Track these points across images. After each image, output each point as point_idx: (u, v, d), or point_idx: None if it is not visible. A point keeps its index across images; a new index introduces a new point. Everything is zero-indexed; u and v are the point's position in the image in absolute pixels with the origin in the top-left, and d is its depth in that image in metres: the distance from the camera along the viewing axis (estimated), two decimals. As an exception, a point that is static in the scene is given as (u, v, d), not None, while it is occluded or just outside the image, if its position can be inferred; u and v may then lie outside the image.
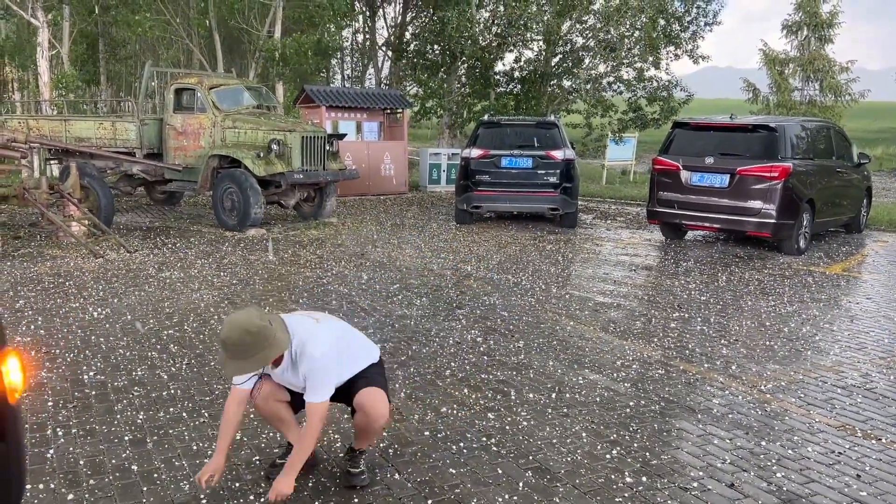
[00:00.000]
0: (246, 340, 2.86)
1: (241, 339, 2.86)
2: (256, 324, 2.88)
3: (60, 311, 6.31)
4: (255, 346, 2.88)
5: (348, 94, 16.61)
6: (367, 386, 3.28)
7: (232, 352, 2.90)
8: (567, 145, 11.97)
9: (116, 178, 12.40)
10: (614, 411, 4.41)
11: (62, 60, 20.23)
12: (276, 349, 2.94)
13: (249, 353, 2.89)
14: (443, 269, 8.55)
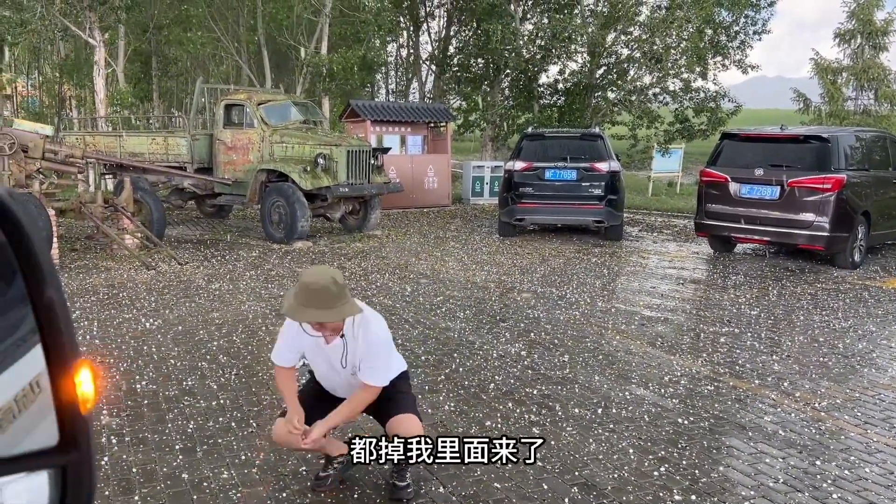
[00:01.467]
0: (332, 290, 2.84)
1: (327, 287, 2.84)
2: (341, 276, 2.91)
3: (114, 321, 6.49)
4: (338, 298, 2.86)
5: (393, 109, 16.77)
6: (400, 412, 3.24)
7: (315, 298, 2.85)
8: (612, 157, 11.86)
9: (168, 192, 12.72)
10: (662, 427, 4.33)
11: (117, 78, 20.91)
12: (353, 308, 2.93)
13: (331, 303, 2.85)
14: (486, 281, 8.54)
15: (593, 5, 20.36)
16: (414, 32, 25.99)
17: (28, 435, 0.72)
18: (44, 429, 0.69)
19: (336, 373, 3.23)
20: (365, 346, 3.07)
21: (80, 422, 0.67)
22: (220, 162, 11.89)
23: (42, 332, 0.65)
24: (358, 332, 3.08)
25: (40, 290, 0.64)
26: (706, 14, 18.65)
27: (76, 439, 0.66)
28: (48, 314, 0.64)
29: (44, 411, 0.69)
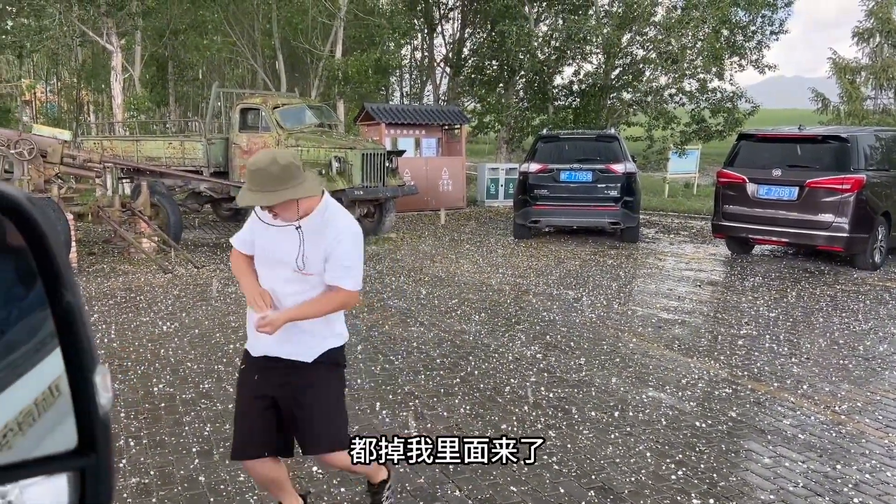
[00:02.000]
0: (272, 170, 2.48)
1: (268, 168, 2.48)
2: (288, 157, 2.54)
3: (132, 324, 6.54)
4: (282, 179, 2.49)
5: (407, 111, 16.81)
6: (322, 447, 2.82)
7: (257, 181, 2.51)
8: (628, 158, 11.81)
9: (185, 196, 12.81)
10: (679, 431, 4.30)
11: (134, 83, 21.10)
12: (304, 189, 2.54)
13: (274, 184, 2.48)
14: (501, 284, 8.52)
15: (608, 6, 20.30)
16: (428, 35, 26.04)
17: (47, 438, 0.73)
18: (63, 432, 0.69)
19: (285, 274, 2.66)
20: (334, 239, 2.61)
21: (98, 425, 0.67)
22: (236, 165, 11.96)
23: (61, 336, 0.66)
24: (325, 222, 2.64)
25: (59, 295, 0.64)
26: (722, 14, 18.53)
27: (95, 442, 0.67)
28: (67, 318, 0.65)
29: (63, 414, 0.69)
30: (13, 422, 0.80)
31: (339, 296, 2.68)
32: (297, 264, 2.63)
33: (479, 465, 3.77)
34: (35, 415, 0.79)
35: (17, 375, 0.81)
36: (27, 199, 0.64)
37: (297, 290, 2.67)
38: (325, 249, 2.61)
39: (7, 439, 0.79)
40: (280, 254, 2.66)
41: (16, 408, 0.80)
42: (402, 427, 4.26)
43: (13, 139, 9.68)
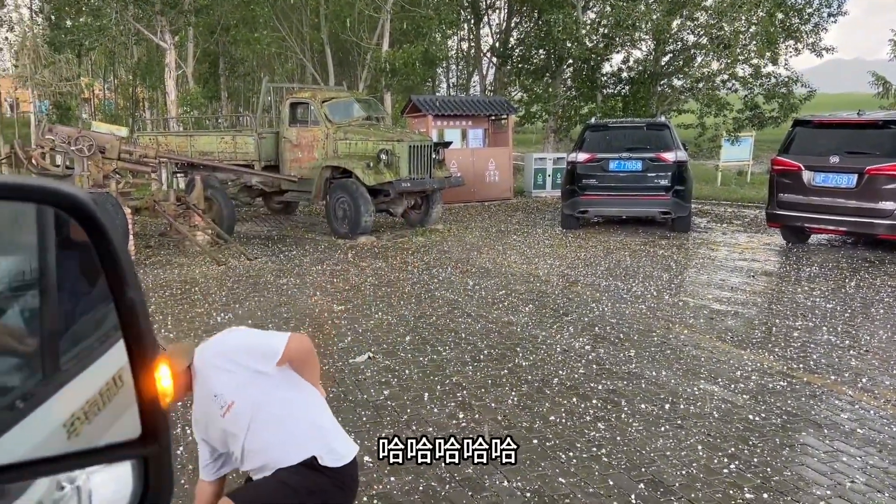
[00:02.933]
0: None
1: None
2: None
3: (187, 315, 6.72)
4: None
5: (454, 103, 16.80)
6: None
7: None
8: (679, 146, 11.59)
9: (237, 190, 13.07)
10: (732, 424, 4.22)
11: (187, 79, 21.58)
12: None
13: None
14: (549, 275, 8.48)
15: (657, -9, 19.89)
16: (475, 25, 25.96)
17: (112, 426, 0.76)
18: (126, 421, 0.72)
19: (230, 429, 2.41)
20: (225, 355, 2.42)
21: (159, 415, 0.70)
22: (287, 159, 12.15)
23: (124, 329, 0.69)
24: (207, 370, 2.44)
25: (122, 291, 0.67)
26: (777, -4, 18.00)
27: (156, 432, 0.70)
28: (129, 313, 0.68)
29: (126, 405, 0.72)
30: (80, 410, 0.84)
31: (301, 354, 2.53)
32: (220, 406, 2.40)
33: (528, 456, 3.78)
34: (100, 404, 0.82)
35: (84, 366, 0.85)
36: (90, 198, 0.67)
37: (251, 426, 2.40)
38: (221, 381, 2.39)
39: (75, 427, 0.83)
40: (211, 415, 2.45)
41: (83, 397, 0.84)
42: (449, 418, 4.28)
43: (73, 136, 10.02)
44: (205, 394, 2.40)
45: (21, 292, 0.88)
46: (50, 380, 0.88)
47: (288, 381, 2.43)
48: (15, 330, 0.88)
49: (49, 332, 0.88)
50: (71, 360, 0.89)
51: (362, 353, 5.51)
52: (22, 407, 0.83)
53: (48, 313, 0.87)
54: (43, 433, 0.82)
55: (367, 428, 4.14)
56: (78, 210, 0.67)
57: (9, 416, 0.80)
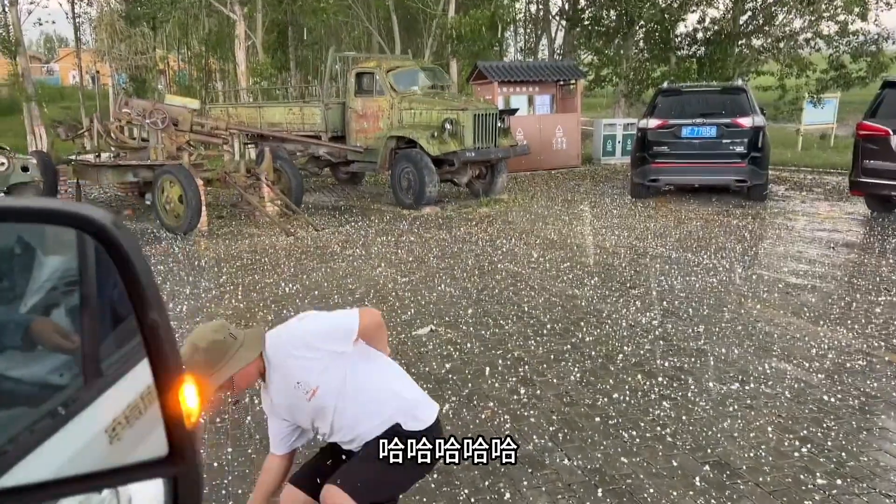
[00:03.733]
0: (195, 359, 2.31)
1: (191, 358, 2.32)
2: (209, 337, 2.36)
3: (257, 285, 6.89)
4: (210, 364, 2.32)
5: (520, 68, 16.52)
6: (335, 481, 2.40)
7: (191, 373, 2.29)
8: (756, 111, 11.10)
9: (305, 161, 13.26)
10: (805, 405, 4.06)
11: (257, 50, 21.90)
12: (236, 363, 2.34)
13: (204, 372, 2.30)
14: (616, 246, 8.31)
15: (736, -54, 18.94)
16: (543, -13, 25.34)
17: (141, 444, 0.76)
18: (154, 440, 0.72)
19: (317, 411, 2.46)
20: (303, 343, 2.40)
21: (186, 435, 0.70)
22: (352, 130, 12.22)
23: (148, 350, 0.69)
24: (279, 367, 2.42)
25: (145, 313, 0.67)
26: (868, -53, 16.87)
27: (183, 451, 0.70)
28: (152, 335, 0.68)
29: (153, 423, 0.72)
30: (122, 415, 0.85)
31: (374, 326, 2.57)
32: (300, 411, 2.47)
33: (589, 434, 3.74)
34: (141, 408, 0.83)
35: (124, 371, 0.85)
36: (113, 222, 0.67)
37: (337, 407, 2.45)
38: (294, 376, 2.40)
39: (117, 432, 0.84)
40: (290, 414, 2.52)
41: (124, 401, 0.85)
42: (510, 393, 4.27)
43: (148, 109, 10.32)
44: (286, 383, 2.44)
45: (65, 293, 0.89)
46: (92, 384, 0.89)
47: (364, 355, 2.49)
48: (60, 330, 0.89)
49: (90, 336, 0.88)
50: (112, 364, 0.90)
51: (425, 325, 5.55)
52: (64, 413, 0.84)
53: (89, 316, 0.88)
54: (85, 438, 0.83)
55: (429, 402, 4.17)
56: (100, 234, 0.66)
57: (50, 424, 0.81)
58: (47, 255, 0.88)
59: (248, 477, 3.40)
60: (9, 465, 0.71)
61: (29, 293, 0.87)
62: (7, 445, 0.72)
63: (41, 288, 0.87)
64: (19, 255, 0.83)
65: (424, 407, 2.56)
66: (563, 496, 3.18)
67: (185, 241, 9.10)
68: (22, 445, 0.74)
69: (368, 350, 2.53)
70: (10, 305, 0.78)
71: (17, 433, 0.75)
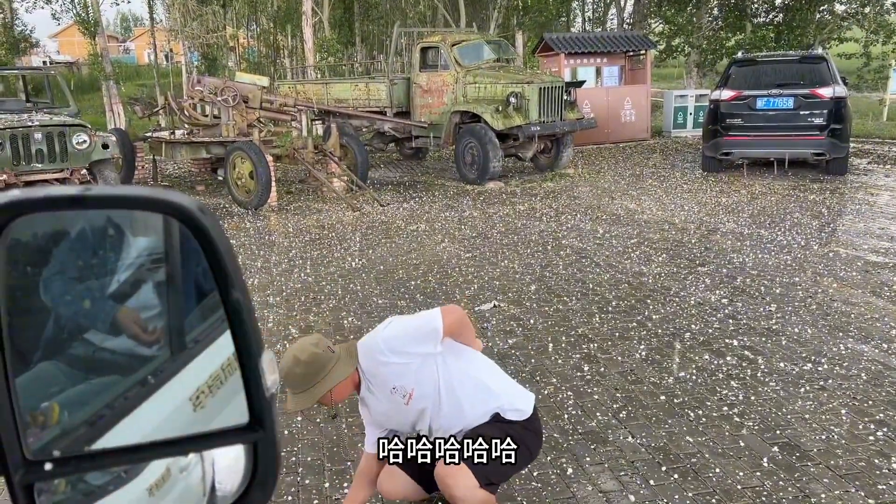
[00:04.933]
0: (297, 372, 2.41)
1: (292, 370, 2.41)
2: (308, 350, 2.44)
3: (325, 260, 7.05)
4: (308, 376, 2.41)
5: (588, 40, 16.18)
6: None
7: (290, 385, 2.46)
8: (837, 81, 10.59)
9: (370, 136, 13.38)
10: (882, 388, 3.93)
11: (323, 25, 22.11)
12: (333, 378, 2.43)
13: (304, 385, 2.41)
14: (686, 222, 8.13)
15: None
16: (612, -45, 24.67)
17: (224, 411, 0.82)
18: (235, 408, 0.77)
19: (415, 414, 2.57)
20: (393, 350, 2.47)
21: (265, 404, 0.75)
22: (417, 105, 12.25)
23: (231, 326, 0.73)
24: (370, 374, 2.52)
25: (228, 293, 0.71)
26: None
27: (262, 419, 0.75)
28: (236, 313, 0.73)
29: (235, 392, 0.77)
30: (204, 385, 0.91)
31: (460, 324, 2.63)
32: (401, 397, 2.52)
33: (654, 413, 3.72)
34: (222, 378, 0.89)
35: (206, 345, 0.91)
36: (199, 208, 0.71)
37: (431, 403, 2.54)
38: (390, 381, 2.50)
39: (200, 400, 0.90)
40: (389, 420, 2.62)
41: (207, 372, 0.91)
42: (573, 370, 4.27)
43: (219, 87, 10.59)
44: (383, 390, 2.52)
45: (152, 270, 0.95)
46: (177, 356, 0.94)
47: (454, 352, 2.57)
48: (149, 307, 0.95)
49: (175, 311, 0.94)
50: (195, 338, 0.95)
51: (488, 301, 5.57)
52: (153, 382, 0.90)
53: (174, 293, 0.93)
54: (171, 406, 0.89)
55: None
56: (187, 219, 0.71)
57: (142, 391, 0.88)
58: (136, 236, 0.93)
59: (317, 445, 3.52)
60: (105, 428, 0.77)
61: (120, 270, 0.92)
62: (104, 410, 0.78)
63: (131, 265, 0.92)
64: (111, 237, 0.88)
65: (520, 398, 2.63)
66: (627, 473, 3.19)
67: (255, 216, 9.36)
68: (116, 411, 0.80)
69: (458, 347, 2.60)
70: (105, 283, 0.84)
71: (112, 399, 0.81)
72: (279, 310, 5.57)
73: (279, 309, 5.59)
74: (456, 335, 2.57)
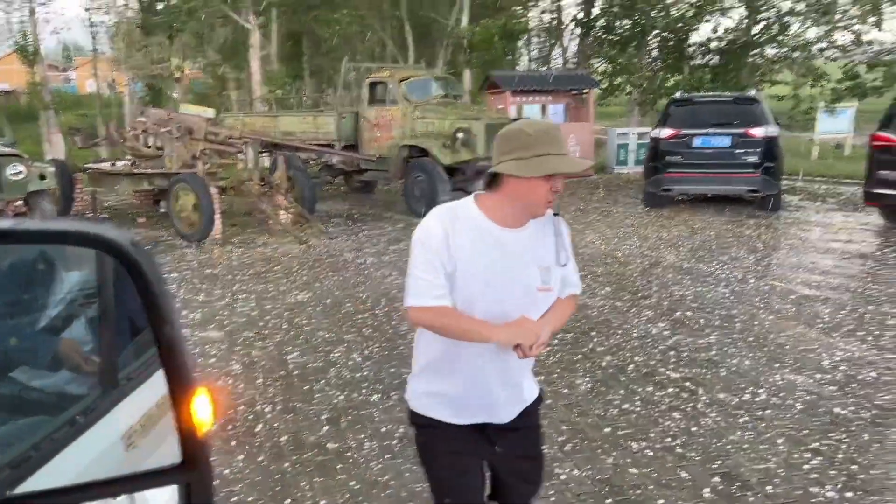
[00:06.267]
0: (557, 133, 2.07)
1: (553, 128, 2.07)
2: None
3: (270, 293, 6.94)
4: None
5: (533, 78, 16.58)
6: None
7: (556, 143, 2.02)
8: (769, 121, 11.07)
9: (318, 169, 13.34)
10: (816, 417, 4.05)
11: (271, 59, 22.07)
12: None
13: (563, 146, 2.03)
14: (629, 256, 8.31)
15: (750, -44, 18.92)
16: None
17: (155, 452, 0.80)
18: (168, 448, 0.76)
19: (518, 298, 2.01)
20: (559, 231, 2.13)
21: (198, 444, 0.73)
22: (366, 139, 12.30)
23: (164, 363, 0.72)
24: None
25: (161, 328, 0.70)
26: (883, -44, 16.81)
27: (196, 459, 0.73)
28: (167, 348, 0.71)
29: (168, 431, 0.75)
30: (138, 423, 0.88)
31: (572, 306, 2.23)
32: (542, 280, 2.04)
33: (599, 444, 3.75)
34: (156, 417, 0.86)
35: (140, 381, 0.89)
36: (131, 242, 0.70)
37: (533, 299, 2.05)
38: (556, 246, 2.10)
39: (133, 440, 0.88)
40: (516, 270, 2.01)
41: (140, 410, 0.88)
42: (521, 403, 4.29)
43: (164, 118, 10.44)
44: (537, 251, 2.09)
45: (84, 306, 0.92)
46: (109, 394, 0.92)
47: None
48: (79, 344, 0.93)
49: (108, 348, 0.92)
50: (128, 375, 0.93)
51: (436, 334, 5.56)
52: (83, 421, 0.87)
53: (107, 329, 0.91)
54: (102, 446, 0.86)
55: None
56: (119, 254, 0.70)
57: (71, 431, 0.85)
58: (68, 270, 0.91)
59: (259, 485, 3.43)
60: (31, 470, 0.74)
61: (51, 305, 0.90)
62: (30, 452, 0.75)
63: (62, 300, 0.90)
64: (42, 271, 0.86)
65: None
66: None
67: (198, 249, 9.19)
68: (43, 452, 0.77)
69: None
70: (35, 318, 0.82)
71: (39, 440, 0.78)
72: (221, 345, 5.46)
73: (221, 344, 5.48)
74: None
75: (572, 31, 25.63)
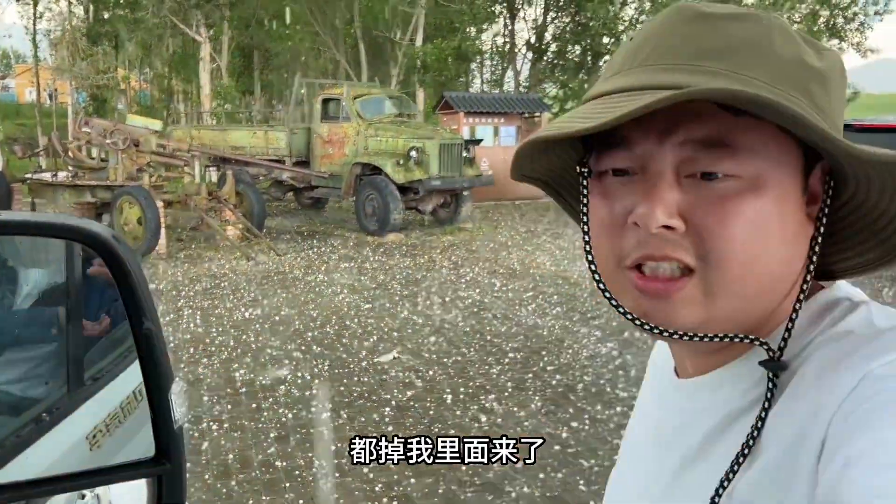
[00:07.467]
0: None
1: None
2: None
3: (216, 310, 6.80)
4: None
5: (486, 100, 16.77)
6: None
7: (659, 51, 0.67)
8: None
9: (268, 185, 13.20)
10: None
11: (221, 73, 21.85)
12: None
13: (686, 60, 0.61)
14: (579, 277, 8.43)
15: (696, -11, 19.62)
16: (510, 20, 25.85)
17: (130, 442, 0.79)
18: (140, 442, 0.74)
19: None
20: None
21: (173, 437, 0.72)
22: (317, 155, 12.24)
23: (140, 356, 0.71)
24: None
25: (140, 321, 0.69)
26: (819, -5, 17.68)
27: (169, 453, 0.72)
28: (146, 342, 0.70)
29: (142, 423, 0.74)
30: (102, 423, 0.86)
31: None
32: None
33: (549, 463, 3.77)
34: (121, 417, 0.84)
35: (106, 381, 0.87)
36: (114, 236, 0.69)
37: None
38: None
39: (97, 440, 0.85)
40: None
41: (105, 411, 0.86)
42: (472, 421, 4.29)
43: (109, 129, 10.20)
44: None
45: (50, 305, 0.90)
46: (74, 393, 0.90)
47: None
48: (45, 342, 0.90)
49: (74, 347, 0.90)
50: (94, 375, 0.91)
51: (388, 352, 5.54)
52: (48, 420, 0.85)
53: (73, 328, 0.89)
54: (66, 445, 0.84)
55: (390, 429, 4.16)
56: (100, 246, 0.69)
57: (35, 430, 0.82)
58: (27, 267, 0.89)
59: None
60: (-6, 466, 0.72)
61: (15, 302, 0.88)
62: (-7, 448, 0.73)
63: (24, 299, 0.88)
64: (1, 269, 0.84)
65: None
66: (524, 524, 3.20)
67: (142, 264, 8.94)
68: (6, 449, 0.75)
69: None
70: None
71: (2, 438, 0.76)
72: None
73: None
74: None
75: (524, 55, 26.13)
